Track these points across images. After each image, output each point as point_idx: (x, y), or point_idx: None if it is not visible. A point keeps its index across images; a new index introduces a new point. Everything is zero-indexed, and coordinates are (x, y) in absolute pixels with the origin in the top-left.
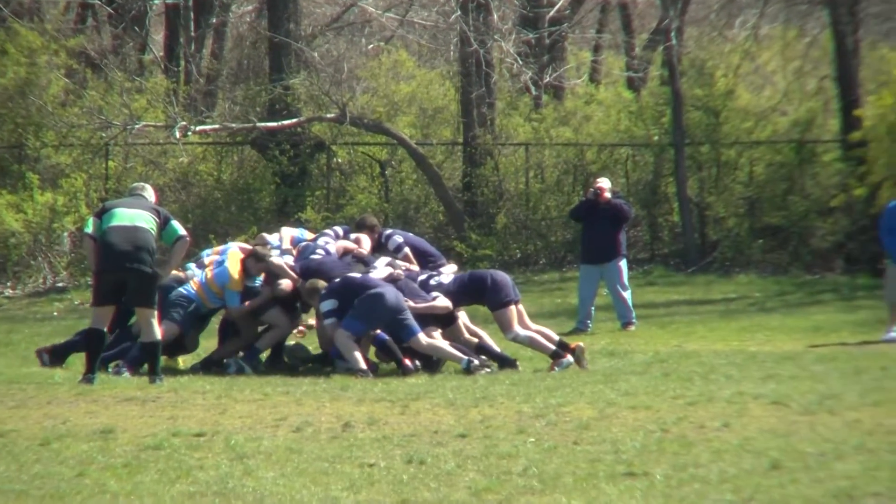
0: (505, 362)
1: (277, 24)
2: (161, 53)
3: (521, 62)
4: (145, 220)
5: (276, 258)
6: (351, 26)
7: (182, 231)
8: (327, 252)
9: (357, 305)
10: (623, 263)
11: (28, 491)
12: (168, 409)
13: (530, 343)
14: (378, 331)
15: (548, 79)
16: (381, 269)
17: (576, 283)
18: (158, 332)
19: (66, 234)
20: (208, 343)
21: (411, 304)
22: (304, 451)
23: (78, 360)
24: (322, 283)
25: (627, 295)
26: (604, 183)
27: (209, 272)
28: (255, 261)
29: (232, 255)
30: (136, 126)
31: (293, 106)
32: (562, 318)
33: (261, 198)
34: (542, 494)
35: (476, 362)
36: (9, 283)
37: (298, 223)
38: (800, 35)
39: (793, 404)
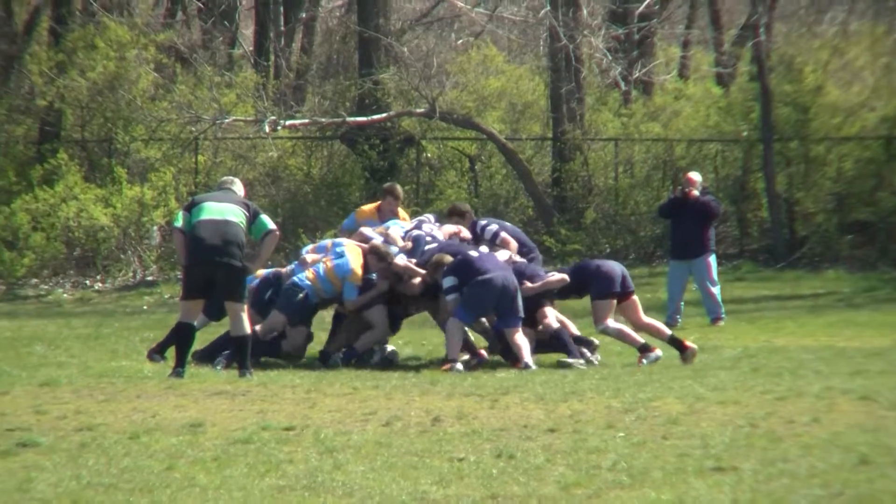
0: (580, 341)
1: (367, 18)
2: (250, 48)
3: (610, 57)
4: (235, 214)
5: (399, 259)
6: (440, 21)
7: (271, 225)
8: (435, 238)
9: (467, 293)
10: (712, 259)
11: (117, 485)
12: (257, 402)
13: (619, 336)
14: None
15: (637, 74)
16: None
17: (665, 278)
18: (247, 326)
19: (155, 227)
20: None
21: (529, 284)
22: (393, 446)
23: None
24: (448, 258)
25: (716, 290)
26: (694, 176)
27: (328, 263)
28: (376, 259)
29: (350, 247)
30: (226, 120)
31: (382, 101)
32: (651, 313)
33: (350, 192)
34: (630, 489)
35: (532, 366)
36: (98, 277)
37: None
38: (889, 31)
39: (881, 399)
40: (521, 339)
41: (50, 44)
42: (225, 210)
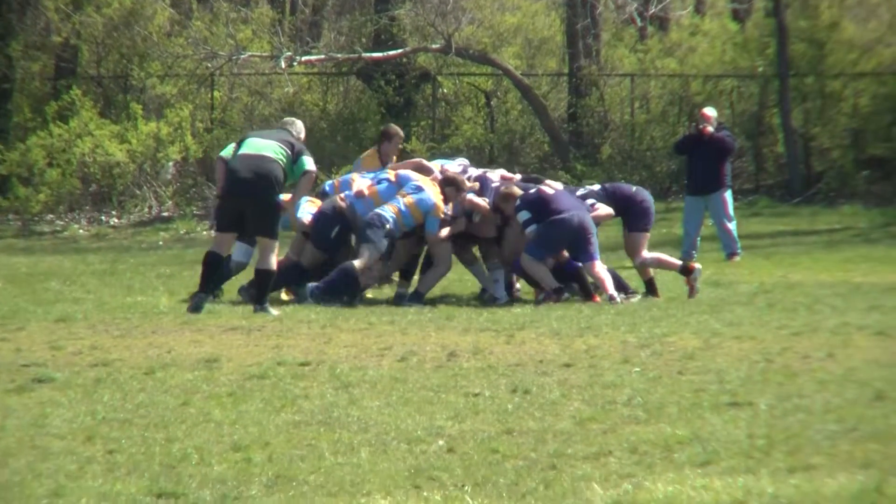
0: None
1: None
2: None
3: None
4: (274, 151)
5: (469, 195)
6: None
7: (309, 166)
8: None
9: (542, 230)
10: (728, 195)
11: (132, 420)
12: (273, 338)
13: (658, 264)
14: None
15: (653, 10)
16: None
17: (681, 213)
18: (274, 262)
19: (170, 163)
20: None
21: None
22: (408, 381)
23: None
24: (518, 190)
25: (732, 226)
26: (709, 111)
27: (409, 199)
28: (455, 189)
29: (426, 182)
30: (242, 56)
31: (398, 37)
32: (667, 249)
33: (366, 128)
34: (646, 424)
35: (618, 298)
36: (114, 213)
37: (404, 153)
38: None
39: None
40: (603, 271)
41: None
42: (264, 146)
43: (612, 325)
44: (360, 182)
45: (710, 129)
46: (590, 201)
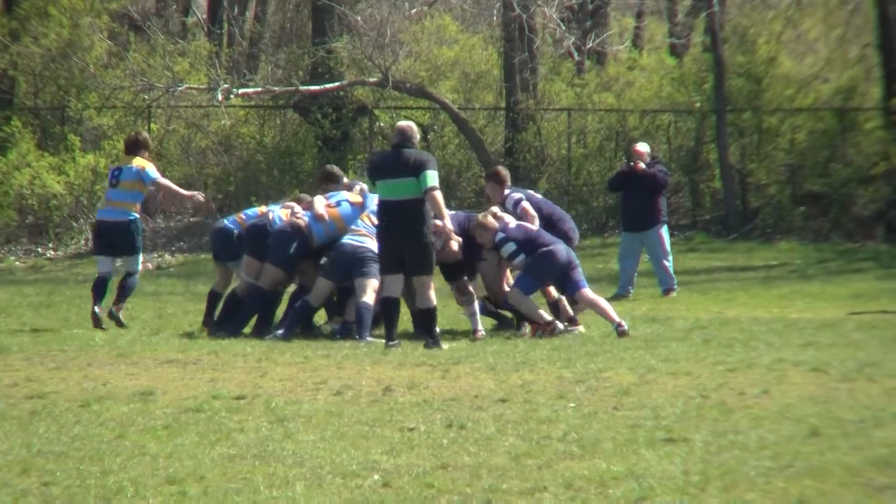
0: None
1: None
2: (204, 16)
3: (563, 27)
4: None
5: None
6: None
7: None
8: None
9: (532, 264)
10: (664, 230)
11: (68, 453)
12: (208, 371)
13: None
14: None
15: (590, 44)
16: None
17: (617, 248)
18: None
19: None
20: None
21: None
22: (344, 415)
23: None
24: (494, 223)
25: (669, 262)
26: (642, 147)
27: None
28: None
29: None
30: (179, 88)
31: (336, 69)
32: (603, 284)
33: (303, 161)
34: (581, 459)
35: (623, 327)
36: (50, 245)
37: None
38: (842, 2)
39: (832, 371)
40: (595, 296)
41: (3, 11)
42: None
43: (547, 361)
44: (319, 203)
45: (643, 165)
46: (517, 196)
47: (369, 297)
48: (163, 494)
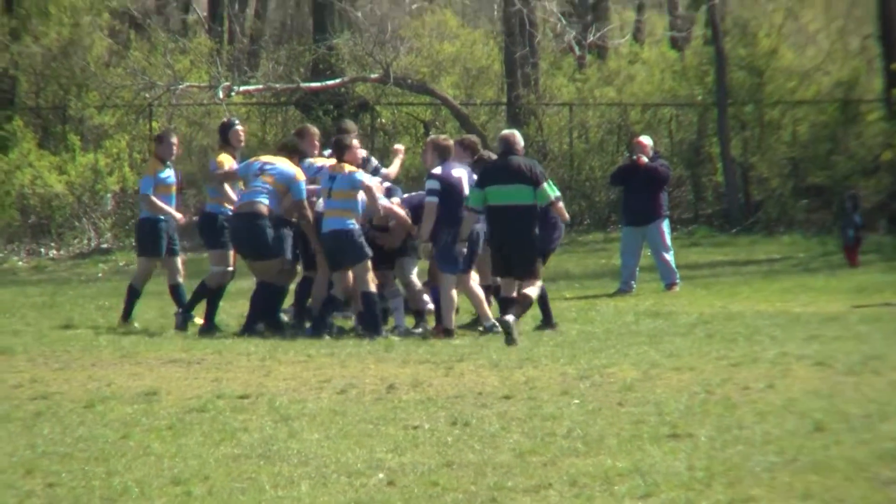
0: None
1: None
2: (205, 14)
3: (564, 22)
4: None
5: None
6: None
7: None
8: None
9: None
10: (665, 225)
11: (72, 454)
12: (212, 371)
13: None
14: None
15: (591, 38)
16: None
17: (619, 244)
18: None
19: (109, 195)
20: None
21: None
22: (348, 413)
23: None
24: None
25: (670, 256)
26: (645, 140)
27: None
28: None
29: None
30: (180, 87)
31: (337, 66)
32: (606, 279)
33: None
34: (586, 456)
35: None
36: (53, 245)
37: None
38: None
39: (837, 365)
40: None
41: (3, 10)
42: None
43: (551, 357)
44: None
45: (645, 158)
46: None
47: (371, 286)
48: (168, 495)
